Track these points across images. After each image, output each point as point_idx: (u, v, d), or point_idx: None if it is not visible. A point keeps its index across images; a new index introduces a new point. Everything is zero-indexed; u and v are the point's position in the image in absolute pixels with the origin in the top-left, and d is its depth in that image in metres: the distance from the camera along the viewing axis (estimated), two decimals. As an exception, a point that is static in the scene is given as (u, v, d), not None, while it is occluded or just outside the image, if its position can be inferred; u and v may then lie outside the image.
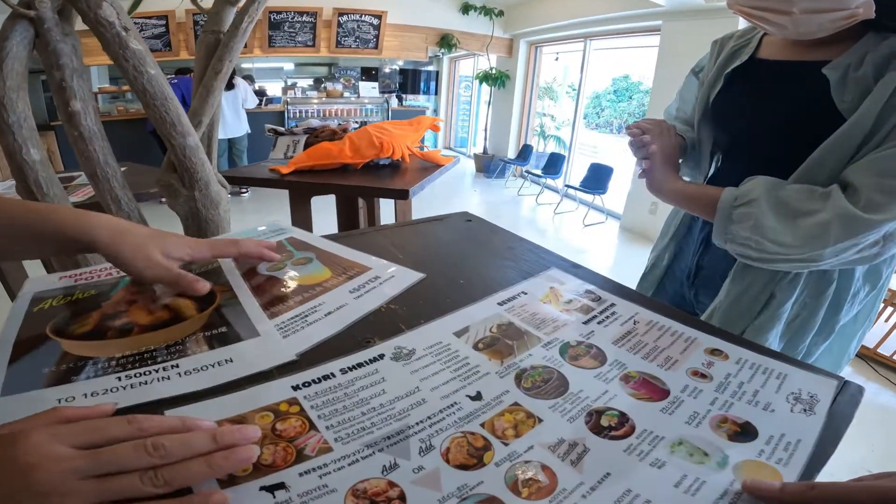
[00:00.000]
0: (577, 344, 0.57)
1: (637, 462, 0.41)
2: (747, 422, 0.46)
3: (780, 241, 0.77)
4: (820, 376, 0.52)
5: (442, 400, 0.46)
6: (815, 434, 0.44)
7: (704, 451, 0.42)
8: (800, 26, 0.79)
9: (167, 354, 0.50)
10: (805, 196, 0.77)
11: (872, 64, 0.77)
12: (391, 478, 0.37)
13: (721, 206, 0.83)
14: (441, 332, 0.57)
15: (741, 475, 0.39)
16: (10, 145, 0.82)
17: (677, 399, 0.49)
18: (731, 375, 0.52)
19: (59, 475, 0.32)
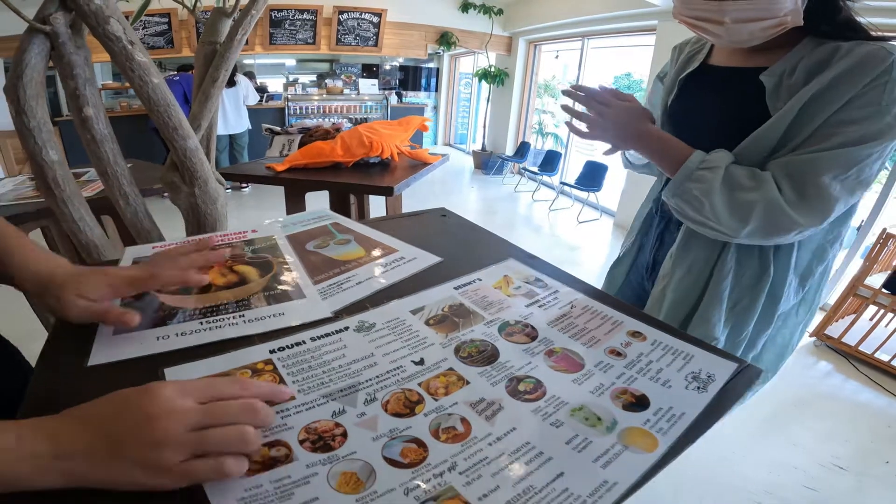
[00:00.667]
0: (515, 323, 0.65)
1: (540, 421, 0.49)
2: (643, 394, 0.53)
3: (716, 210, 0.84)
4: (722, 359, 0.58)
5: (390, 363, 0.56)
6: (699, 409, 0.50)
7: (599, 416, 0.50)
8: (733, 35, 0.84)
9: (236, 307, 0.65)
10: (747, 174, 0.83)
11: (804, 71, 0.82)
12: (338, 420, 0.47)
13: (688, 164, 0.88)
14: (400, 310, 0.67)
15: (623, 439, 0.47)
16: (32, 147, 0.92)
17: (589, 372, 0.56)
18: (644, 355, 0.60)
19: (175, 428, 0.39)
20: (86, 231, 1.02)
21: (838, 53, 0.79)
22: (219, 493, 0.39)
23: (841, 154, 0.77)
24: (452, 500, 0.40)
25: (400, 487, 0.40)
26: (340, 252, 0.84)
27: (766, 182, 0.81)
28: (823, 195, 0.78)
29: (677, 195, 0.90)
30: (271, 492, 0.39)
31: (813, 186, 0.79)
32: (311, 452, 0.43)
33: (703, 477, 1.91)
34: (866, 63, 0.76)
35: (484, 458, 0.44)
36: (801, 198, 0.79)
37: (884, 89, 0.75)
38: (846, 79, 0.77)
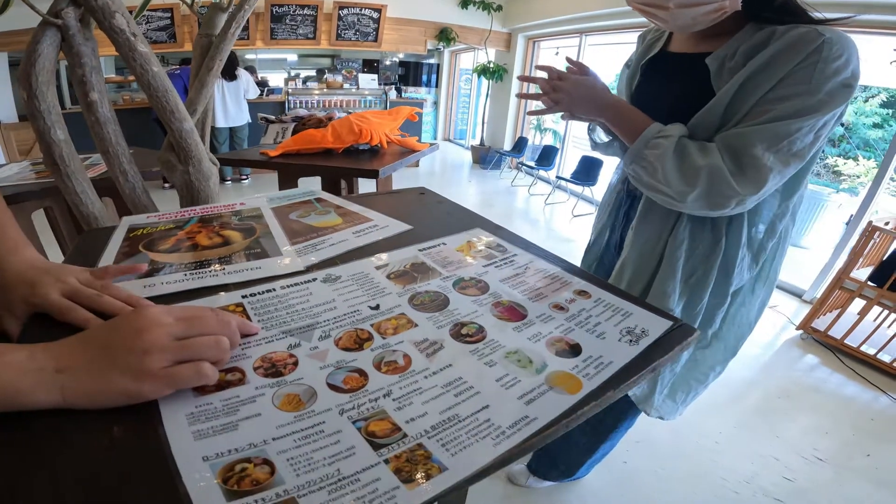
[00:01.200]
0: (469, 279, 0.71)
1: (475, 360, 0.53)
2: (577, 343, 0.57)
3: (666, 175, 0.90)
4: (658, 317, 0.62)
5: (349, 308, 0.63)
6: (628, 359, 0.54)
7: (531, 359, 0.54)
8: (677, 19, 0.90)
9: (219, 262, 0.72)
10: (697, 145, 0.89)
11: (743, 54, 0.88)
12: (292, 352, 0.53)
13: (646, 133, 0.94)
14: (366, 265, 0.74)
15: (549, 381, 0.51)
16: (41, 127, 1.00)
17: (530, 322, 0.61)
18: (585, 310, 0.64)
19: (160, 337, 0.45)
20: (87, 203, 1.10)
21: (774, 36, 0.85)
22: (171, 410, 0.43)
23: (772, 128, 0.83)
24: (382, 421, 0.44)
25: (336, 408, 0.45)
26: (319, 220, 0.92)
27: (711, 151, 0.87)
28: (757, 165, 0.84)
29: (635, 161, 0.96)
30: (220, 408, 0.44)
31: (747, 157, 0.84)
32: (263, 377, 0.48)
33: (684, 465, 1.94)
34: (798, 44, 0.81)
35: (417, 389, 0.49)
36: (738, 168, 0.85)
37: (814, 69, 0.80)
38: (779, 59, 0.83)
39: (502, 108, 8.15)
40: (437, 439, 0.43)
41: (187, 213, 0.93)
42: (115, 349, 0.45)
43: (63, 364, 0.43)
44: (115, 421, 0.42)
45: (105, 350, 0.45)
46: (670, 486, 1.85)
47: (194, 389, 0.46)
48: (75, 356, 0.44)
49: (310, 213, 0.95)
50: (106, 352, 0.45)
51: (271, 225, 0.88)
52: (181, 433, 0.41)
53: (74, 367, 0.43)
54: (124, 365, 0.44)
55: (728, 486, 1.87)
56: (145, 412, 0.43)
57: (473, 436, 0.43)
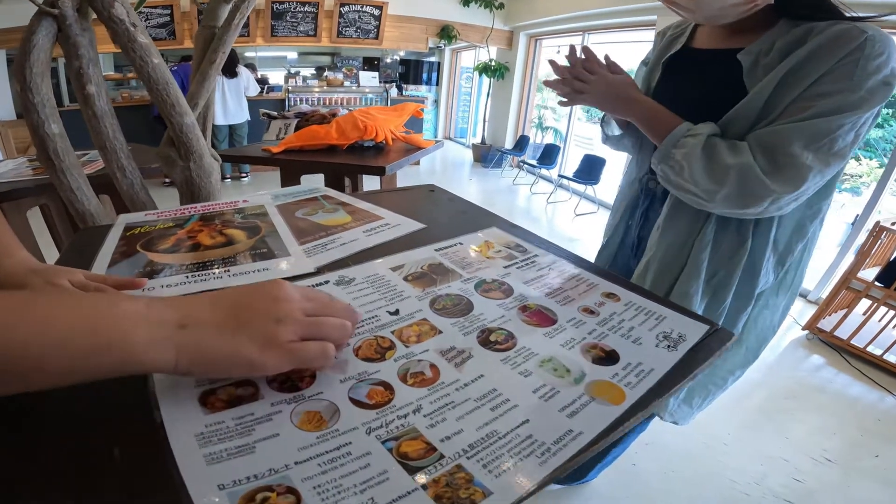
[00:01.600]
0: (491, 281, 0.67)
1: (509, 370, 0.49)
2: (614, 350, 0.53)
3: (694, 175, 0.87)
4: (694, 321, 0.59)
5: (366, 313, 0.58)
6: (669, 366, 0.51)
7: (568, 368, 0.50)
8: (704, 10, 0.87)
9: (223, 263, 0.68)
10: (726, 143, 0.86)
11: (779, 50, 0.85)
12: None
13: (676, 132, 0.91)
14: (381, 267, 0.70)
15: (591, 391, 0.47)
16: (35, 121, 0.96)
17: (561, 327, 0.57)
18: (616, 314, 0.61)
19: (295, 309, 0.44)
20: (83, 200, 1.06)
21: (813, 32, 0.82)
22: (177, 428, 0.39)
23: (813, 125, 0.79)
24: (414, 440, 0.40)
25: (362, 426, 0.41)
26: (328, 218, 0.88)
27: (742, 150, 0.84)
28: (796, 163, 0.80)
29: (663, 161, 0.92)
30: (232, 427, 0.39)
31: (785, 155, 0.81)
32: (278, 392, 0.44)
33: (693, 467, 1.92)
34: (840, 40, 0.78)
35: (450, 403, 0.45)
36: (773, 166, 0.82)
37: (856, 65, 0.77)
38: (820, 55, 0.80)
39: (504, 106, 8.11)
40: (476, 459, 0.39)
41: (188, 210, 0.88)
42: (249, 312, 0.43)
43: (188, 319, 0.40)
44: (115, 437, 0.39)
45: (236, 311, 0.43)
46: (679, 488, 1.83)
47: (202, 405, 0.42)
48: (203, 312, 0.42)
49: (317, 211, 0.91)
50: (237, 313, 0.42)
51: (277, 223, 0.84)
52: (192, 457, 0.37)
53: (201, 324, 0.40)
54: (255, 331, 0.42)
55: (738, 487, 1.85)
56: (148, 430, 0.39)
57: (516, 454, 0.39)
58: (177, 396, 0.42)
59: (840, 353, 2.90)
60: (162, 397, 0.42)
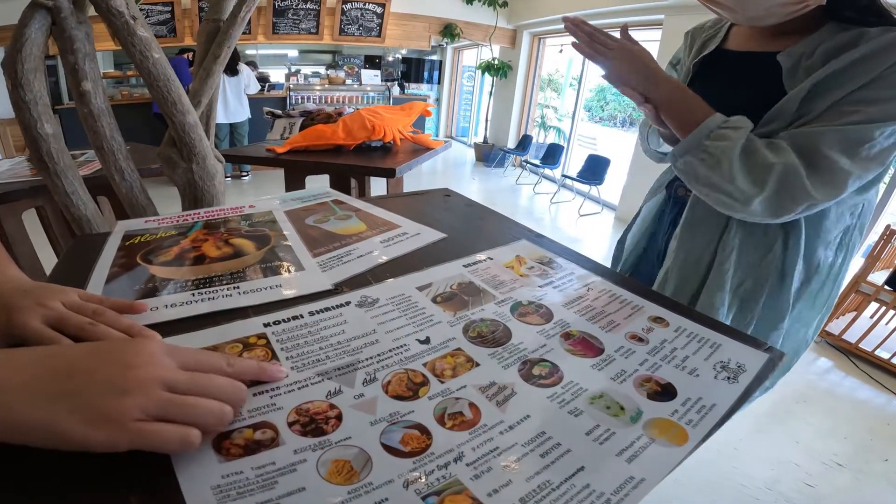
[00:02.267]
0: (528, 303, 0.61)
1: (557, 409, 0.45)
2: (669, 383, 0.48)
3: (732, 168, 0.79)
4: (751, 348, 0.54)
5: (393, 341, 0.52)
6: (731, 400, 0.46)
7: (622, 405, 0.45)
8: (748, 10, 0.80)
9: (231, 278, 0.62)
10: (765, 143, 0.79)
11: (823, 54, 0.79)
12: (333, 401, 0.43)
13: (708, 122, 0.82)
14: (405, 286, 0.64)
15: (650, 431, 0.42)
16: (27, 120, 0.91)
17: (609, 357, 0.52)
18: (668, 341, 0.55)
19: (149, 380, 0.36)
20: (78, 205, 1.00)
21: (864, 37, 0.76)
22: (190, 479, 0.35)
23: (853, 129, 0.75)
24: (458, 495, 0.35)
25: (399, 479, 0.36)
26: (341, 227, 0.82)
27: (783, 149, 0.78)
28: (834, 168, 0.75)
29: (689, 152, 0.83)
30: (252, 479, 0.35)
31: (824, 158, 0.76)
32: (301, 436, 0.39)
33: (703, 472, 1.91)
34: (893, 47, 0.73)
35: (494, 449, 0.40)
36: (812, 170, 0.76)
37: None
38: (869, 61, 0.74)
39: (506, 105, 8.07)
40: None
41: (190, 216, 0.83)
42: (83, 377, 0.35)
43: None
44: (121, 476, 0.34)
45: (69, 374, 0.35)
46: (691, 494, 1.82)
47: (217, 451, 0.37)
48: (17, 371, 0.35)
49: (328, 218, 0.85)
50: (69, 376, 0.35)
51: (287, 232, 0.78)
52: None
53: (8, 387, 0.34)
54: (82, 401, 0.34)
55: (749, 492, 1.85)
56: (157, 480, 0.34)
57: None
58: None
59: (848, 357, 2.90)
60: None
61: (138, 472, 0.35)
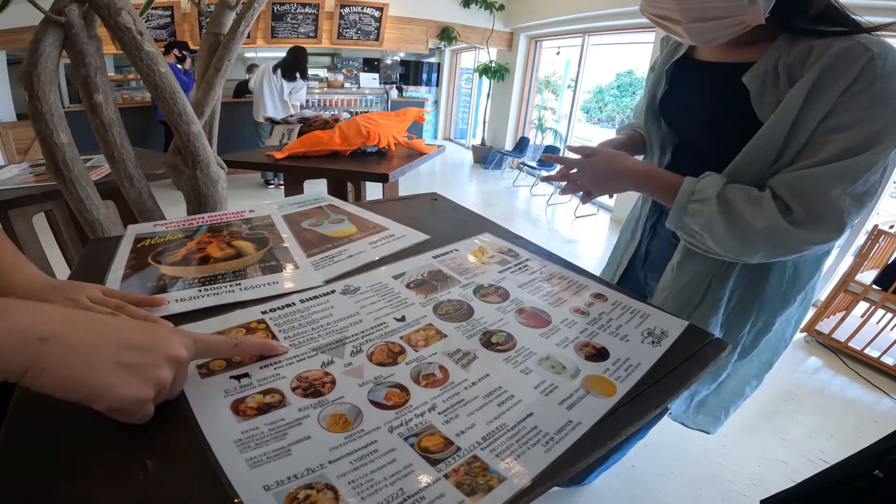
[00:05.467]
0: (488, 286, 0.72)
1: (511, 369, 0.54)
2: (604, 347, 0.59)
3: (721, 243, 0.81)
4: (674, 318, 0.66)
5: (374, 321, 0.62)
6: (654, 360, 0.57)
7: (564, 365, 0.55)
8: (694, 35, 0.81)
9: (233, 276, 0.70)
10: (744, 197, 0.78)
11: (784, 73, 0.77)
12: (327, 370, 0.52)
13: (679, 198, 0.84)
14: (383, 275, 0.73)
15: (586, 385, 0.52)
16: (43, 130, 0.97)
17: (555, 328, 0.63)
18: (605, 313, 0.67)
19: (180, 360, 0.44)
20: (91, 210, 1.07)
21: (814, 53, 0.75)
22: (215, 435, 0.42)
23: (842, 166, 0.72)
24: (433, 436, 0.44)
25: (385, 426, 0.45)
26: (334, 229, 0.89)
27: (764, 205, 0.76)
28: (835, 210, 0.73)
29: (679, 228, 0.86)
30: (266, 432, 0.43)
31: (822, 202, 0.73)
32: (303, 398, 0.48)
33: (692, 468, 1.94)
34: (842, 60, 0.72)
35: (460, 401, 0.49)
36: (811, 216, 0.74)
37: (872, 90, 0.70)
38: (826, 81, 0.73)
39: (504, 107, 8.12)
40: (490, 450, 0.43)
41: (195, 221, 0.90)
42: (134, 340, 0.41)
43: (51, 332, 0.36)
44: (154, 446, 0.41)
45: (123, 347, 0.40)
46: (678, 490, 1.84)
47: (235, 413, 0.45)
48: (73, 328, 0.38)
49: (323, 222, 0.92)
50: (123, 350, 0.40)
51: (284, 235, 0.86)
52: (235, 462, 0.40)
53: (64, 341, 0.37)
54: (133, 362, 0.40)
55: (735, 489, 1.87)
56: (187, 439, 0.42)
57: (524, 444, 0.44)
58: (210, 406, 0.46)
59: (838, 356, 2.91)
60: (196, 408, 0.45)
61: (169, 434, 0.43)
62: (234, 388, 0.48)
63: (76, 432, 0.42)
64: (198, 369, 0.51)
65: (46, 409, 0.44)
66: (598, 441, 0.46)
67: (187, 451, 0.41)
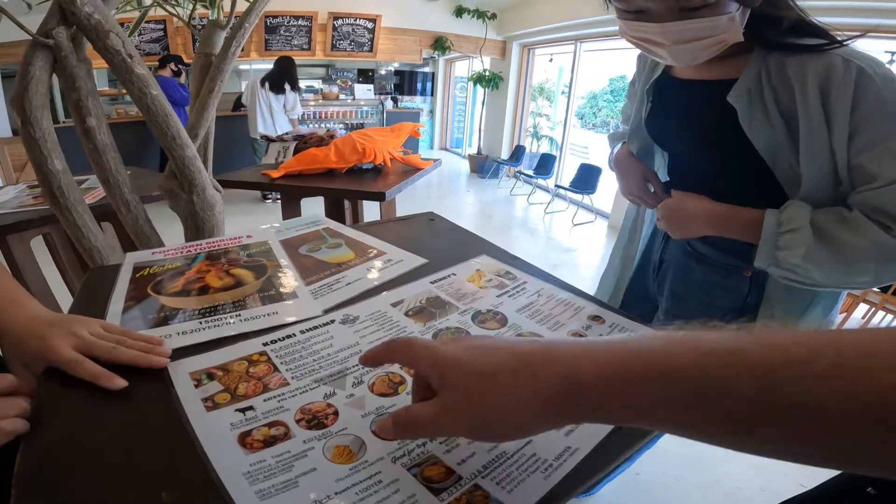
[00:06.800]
0: (486, 311, 0.71)
1: None
2: None
3: (827, 272, 0.77)
4: None
5: None
6: None
7: None
8: (677, 57, 0.83)
9: (233, 307, 0.70)
10: (837, 220, 0.76)
11: (771, 94, 0.79)
12: (330, 401, 0.52)
13: (765, 234, 0.81)
14: (382, 303, 0.73)
15: None
16: (38, 157, 0.96)
17: None
18: (603, 335, 0.66)
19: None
20: (89, 237, 1.06)
21: (794, 76, 0.77)
22: (224, 468, 0.43)
23: None
24: (435, 465, 0.45)
25: (388, 456, 0.45)
26: (331, 255, 0.89)
27: (861, 226, 0.74)
28: None
29: (773, 265, 0.83)
30: (273, 465, 0.44)
31: None
32: (307, 430, 0.48)
33: (698, 475, 1.93)
34: (832, 79, 0.73)
35: None
36: None
37: (878, 99, 0.71)
38: (830, 106, 0.74)
39: (499, 116, 8.15)
40: (490, 478, 0.44)
41: (193, 248, 0.90)
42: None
43: None
44: (164, 477, 0.42)
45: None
46: (684, 497, 1.84)
47: (242, 445, 0.46)
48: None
49: (320, 247, 0.92)
50: None
51: (282, 261, 0.86)
52: (245, 494, 0.41)
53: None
54: None
55: (742, 494, 1.86)
56: (196, 472, 0.43)
57: (524, 471, 0.45)
58: (217, 439, 0.46)
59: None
60: (204, 440, 0.46)
61: (178, 466, 0.44)
62: (239, 422, 0.49)
63: (86, 473, 0.43)
64: (203, 402, 0.51)
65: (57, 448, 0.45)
66: (596, 466, 0.46)
67: (197, 482, 0.42)
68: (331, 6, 6.78)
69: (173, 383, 0.54)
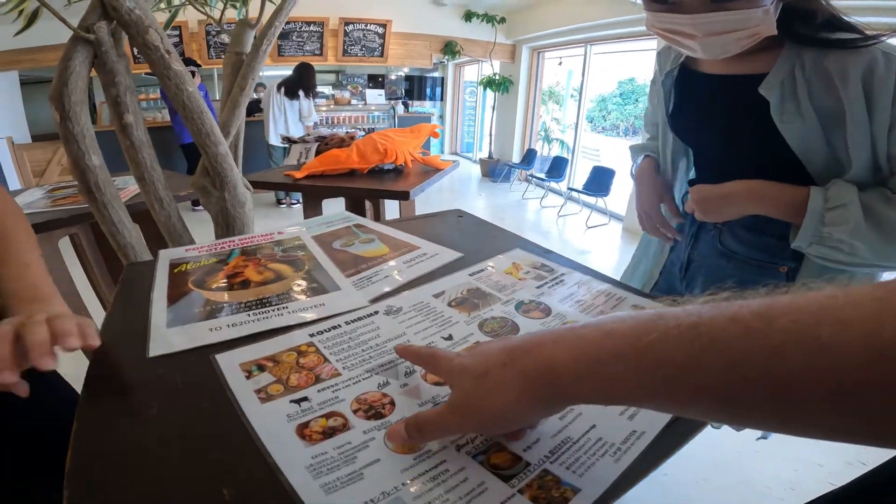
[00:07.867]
0: (529, 301, 0.71)
1: None
2: None
3: (874, 248, 0.77)
4: None
5: (422, 340, 0.62)
6: None
7: None
8: (707, 49, 0.82)
9: (279, 300, 0.70)
10: (881, 199, 0.77)
11: (805, 86, 0.79)
12: (384, 391, 0.52)
13: (812, 207, 0.80)
14: (423, 295, 0.73)
15: None
16: (75, 152, 0.98)
17: None
18: None
19: None
20: (124, 233, 1.08)
21: (828, 59, 0.77)
22: (286, 463, 0.42)
23: None
24: (501, 452, 0.44)
25: (451, 445, 0.45)
26: (366, 249, 0.90)
27: None
28: None
29: (816, 243, 0.81)
30: (336, 457, 0.43)
31: None
32: (366, 420, 0.48)
33: (725, 475, 1.92)
34: (875, 71, 0.74)
35: None
36: None
37: None
38: (873, 95, 0.75)
39: (509, 120, 8.15)
40: (559, 463, 0.43)
41: (226, 244, 0.91)
42: None
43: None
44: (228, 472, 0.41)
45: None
46: (712, 497, 1.82)
47: (301, 437, 0.45)
48: None
49: (353, 242, 0.93)
50: None
51: (318, 256, 0.86)
52: (311, 488, 0.40)
53: None
54: None
55: (772, 493, 1.83)
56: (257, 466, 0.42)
57: (592, 455, 0.44)
58: (276, 432, 0.46)
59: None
60: (262, 433, 0.45)
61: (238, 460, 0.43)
62: (295, 413, 0.48)
63: (140, 471, 0.42)
64: (256, 394, 0.51)
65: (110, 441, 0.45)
66: (665, 448, 0.46)
67: (257, 477, 0.41)
68: (342, 12, 6.83)
69: (224, 375, 0.54)
